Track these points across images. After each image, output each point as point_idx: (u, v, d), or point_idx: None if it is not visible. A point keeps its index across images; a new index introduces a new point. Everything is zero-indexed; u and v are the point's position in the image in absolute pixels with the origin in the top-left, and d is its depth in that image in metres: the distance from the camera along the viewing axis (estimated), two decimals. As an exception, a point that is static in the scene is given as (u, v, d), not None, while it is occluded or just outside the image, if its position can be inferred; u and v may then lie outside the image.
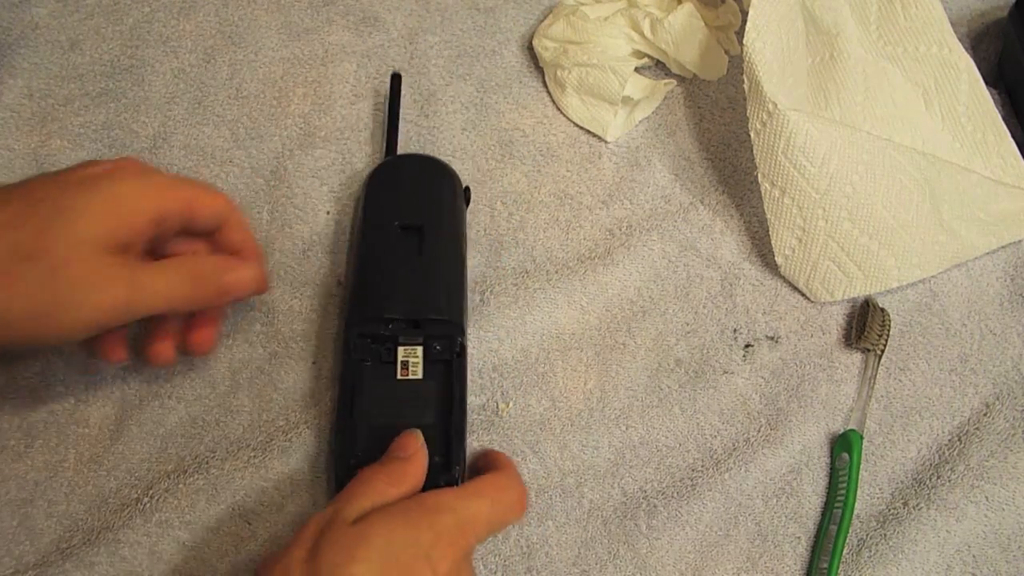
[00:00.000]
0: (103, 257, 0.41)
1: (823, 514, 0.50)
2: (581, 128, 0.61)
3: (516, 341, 0.54)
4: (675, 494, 0.50)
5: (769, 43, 0.53)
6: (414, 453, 0.44)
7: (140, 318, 0.44)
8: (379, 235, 0.52)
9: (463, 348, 0.50)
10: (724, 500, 0.50)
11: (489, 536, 0.44)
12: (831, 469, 0.51)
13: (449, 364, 0.49)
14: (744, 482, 0.50)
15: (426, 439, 0.47)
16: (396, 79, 0.59)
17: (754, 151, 0.54)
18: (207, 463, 0.49)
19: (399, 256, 0.52)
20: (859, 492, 0.50)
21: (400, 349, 0.50)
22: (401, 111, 0.59)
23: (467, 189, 0.56)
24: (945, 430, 0.52)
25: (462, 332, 0.50)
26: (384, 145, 0.59)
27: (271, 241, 0.57)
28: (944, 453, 0.51)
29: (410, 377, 0.49)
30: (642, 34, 0.61)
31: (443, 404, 0.48)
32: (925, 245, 0.54)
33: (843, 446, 0.51)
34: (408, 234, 0.52)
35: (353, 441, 0.48)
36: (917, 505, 0.49)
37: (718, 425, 0.52)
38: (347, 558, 0.38)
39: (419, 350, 0.50)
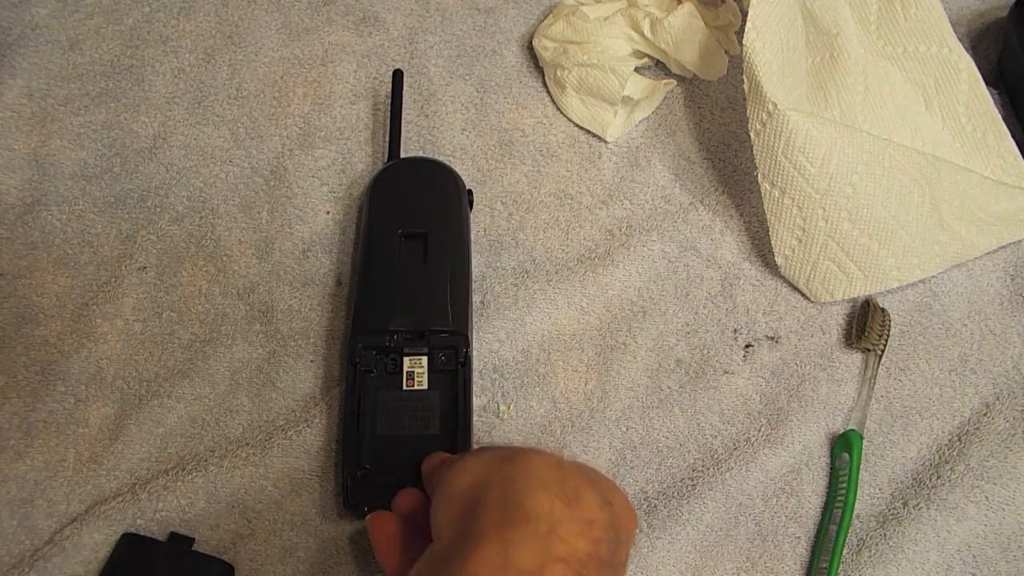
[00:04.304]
0: None
1: (823, 514, 0.50)
2: (581, 128, 0.61)
3: (516, 342, 0.54)
4: (675, 494, 0.50)
5: (769, 43, 0.53)
6: None
7: None
8: (383, 243, 0.52)
9: (468, 358, 0.50)
10: (724, 500, 0.50)
11: None
12: (831, 469, 0.51)
13: (454, 374, 0.49)
14: (744, 482, 0.50)
15: (431, 450, 0.47)
16: (398, 76, 0.59)
17: (754, 151, 0.54)
18: (206, 462, 0.49)
19: (403, 265, 0.52)
20: (859, 492, 0.50)
21: (405, 360, 0.50)
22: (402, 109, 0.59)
23: (469, 192, 0.56)
24: (945, 430, 0.52)
25: (467, 342, 0.50)
26: (386, 144, 0.59)
27: (271, 241, 0.57)
28: (944, 453, 0.51)
29: (415, 387, 0.49)
30: (642, 34, 0.61)
31: (448, 414, 0.48)
32: (925, 245, 0.54)
33: (843, 446, 0.51)
34: (412, 242, 0.52)
35: (359, 452, 0.48)
36: (917, 505, 0.49)
37: (718, 425, 0.52)
38: None
39: (424, 360, 0.50)
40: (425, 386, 0.49)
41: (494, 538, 0.35)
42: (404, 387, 0.49)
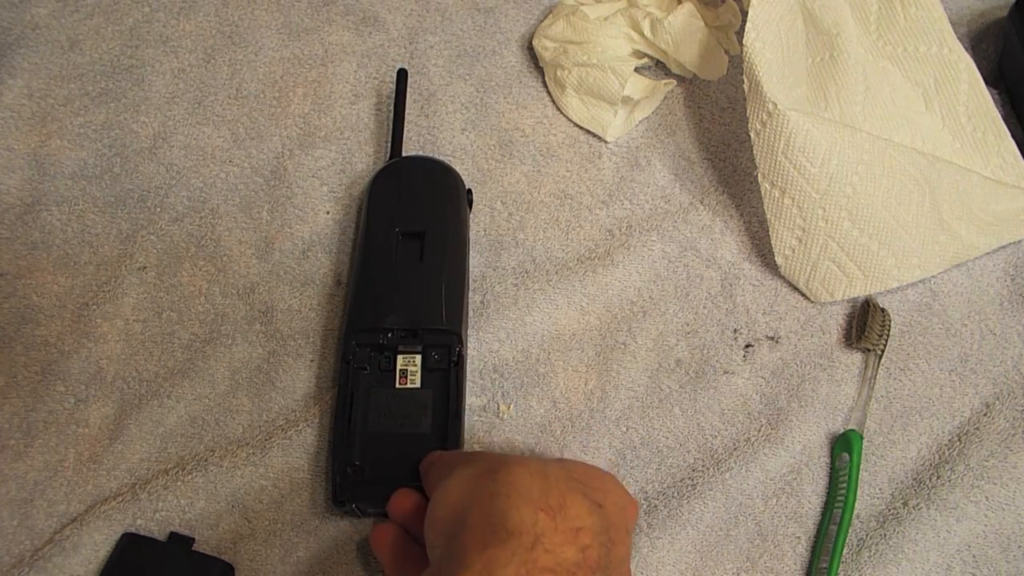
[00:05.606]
0: None
1: (823, 514, 0.50)
2: (581, 128, 0.61)
3: (516, 342, 0.54)
4: (675, 494, 0.50)
5: (769, 43, 0.53)
6: None
7: None
8: (380, 242, 0.52)
9: (461, 358, 0.50)
10: (724, 500, 0.50)
11: None
12: (831, 469, 0.51)
13: (447, 373, 0.49)
14: (744, 482, 0.50)
15: (423, 448, 0.47)
16: (402, 75, 0.59)
17: (754, 151, 0.54)
18: (206, 462, 0.49)
19: (400, 264, 0.52)
20: (859, 492, 0.50)
21: (399, 358, 0.50)
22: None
23: (469, 191, 0.56)
24: (945, 430, 0.52)
25: (460, 342, 0.50)
26: (386, 144, 0.59)
27: (271, 241, 0.57)
28: (944, 453, 0.51)
29: (408, 386, 0.49)
30: (642, 34, 0.61)
31: (440, 413, 0.48)
32: (925, 245, 0.54)
33: (843, 446, 0.51)
34: (409, 241, 0.52)
35: (351, 449, 0.48)
36: (917, 505, 0.49)
37: (718, 425, 0.52)
38: None
39: (418, 359, 0.50)
40: (418, 384, 0.49)
41: (477, 560, 0.34)
42: (397, 385, 0.49)
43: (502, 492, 0.37)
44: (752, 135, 0.53)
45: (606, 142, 0.61)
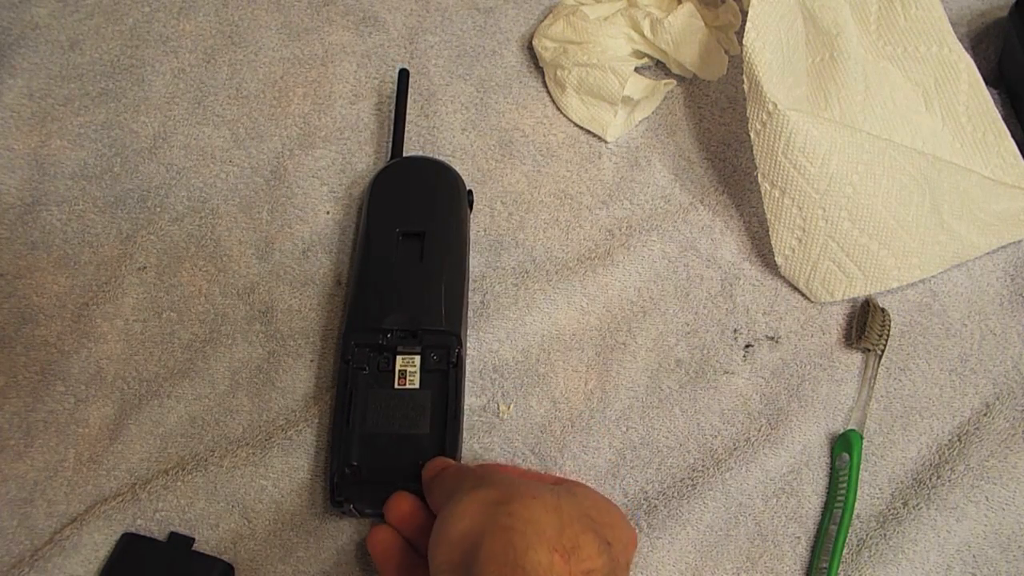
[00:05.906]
0: None
1: (823, 514, 0.50)
2: (581, 128, 0.61)
3: (516, 342, 0.54)
4: (675, 494, 0.50)
5: (769, 43, 0.53)
6: None
7: None
8: (380, 242, 0.52)
9: (460, 359, 0.50)
10: (724, 500, 0.50)
11: None
12: (831, 469, 0.51)
13: (446, 374, 0.49)
14: (744, 482, 0.50)
15: (422, 449, 0.47)
16: (404, 75, 0.59)
17: (754, 151, 0.54)
18: (206, 462, 0.49)
19: (399, 264, 0.52)
20: (859, 492, 0.50)
21: (398, 358, 0.50)
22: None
23: (470, 192, 0.56)
24: (945, 430, 0.52)
25: (459, 343, 0.50)
26: (386, 144, 0.59)
27: (271, 241, 0.57)
28: (944, 453, 0.51)
29: (407, 387, 0.49)
30: (642, 34, 0.61)
31: (439, 414, 0.48)
32: (925, 245, 0.54)
33: (843, 446, 0.51)
34: (409, 241, 0.52)
35: (349, 449, 0.48)
36: (917, 505, 0.49)
37: (718, 425, 0.52)
38: None
39: (417, 359, 0.50)
40: (417, 385, 0.49)
41: None
42: (396, 386, 0.49)
43: (517, 528, 0.37)
44: (752, 135, 0.53)
45: (606, 142, 0.61)
